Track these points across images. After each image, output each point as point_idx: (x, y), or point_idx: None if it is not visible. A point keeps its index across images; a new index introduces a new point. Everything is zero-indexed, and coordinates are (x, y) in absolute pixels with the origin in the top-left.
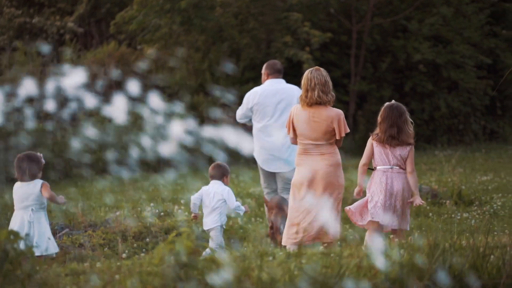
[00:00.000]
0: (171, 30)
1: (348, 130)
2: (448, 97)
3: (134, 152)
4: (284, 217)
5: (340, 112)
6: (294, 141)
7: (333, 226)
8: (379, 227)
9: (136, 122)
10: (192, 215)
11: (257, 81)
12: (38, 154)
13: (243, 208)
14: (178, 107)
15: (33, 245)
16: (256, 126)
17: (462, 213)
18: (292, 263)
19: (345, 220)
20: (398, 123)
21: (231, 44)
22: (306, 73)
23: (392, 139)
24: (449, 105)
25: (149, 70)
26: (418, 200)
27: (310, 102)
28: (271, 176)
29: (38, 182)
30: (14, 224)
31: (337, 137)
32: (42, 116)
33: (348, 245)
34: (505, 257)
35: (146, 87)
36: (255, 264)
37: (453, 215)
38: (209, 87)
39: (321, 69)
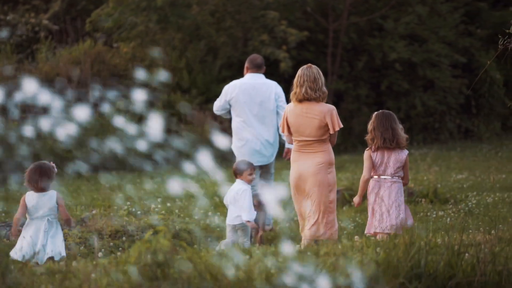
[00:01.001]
0: (147, 28)
1: (342, 125)
2: (424, 96)
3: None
4: (263, 213)
5: (332, 107)
6: (290, 139)
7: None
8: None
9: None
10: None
11: (234, 79)
12: (51, 163)
13: (250, 216)
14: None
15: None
16: (235, 119)
17: (437, 211)
18: (269, 261)
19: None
20: (393, 126)
21: (208, 42)
22: (298, 71)
23: (389, 142)
24: (424, 104)
25: (126, 68)
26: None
27: (299, 98)
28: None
29: (53, 194)
30: (28, 232)
31: (331, 132)
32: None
33: (324, 244)
34: (480, 255)
35: (122, 85)
36: (232, 262)
37: (428, 213)
38: (186, 85)
39: (313, 66)
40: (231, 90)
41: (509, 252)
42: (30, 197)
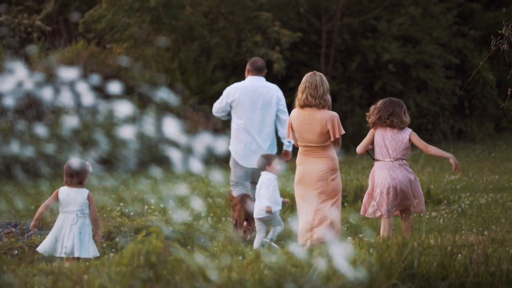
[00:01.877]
0: (140, 29)
1: (343, 132)
2: (417, 97)
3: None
4: (248, 213)
5: (334, 114)
6: (297, 143)
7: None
8: (389, 216)
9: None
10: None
11: (228, 81)
12: (87, 162)
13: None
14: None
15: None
16: (236, 121)
17: (430, 212)
18: (262, 263)
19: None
20: (395, 109)
21: (201, 43)
22: (304, 77)
23: (392, 116)
24: (418, 105)
25: (119, 69)
26: (453, 160)
27: (300, 103)
28: (245, 172)
29: (85, 192)
30: (56, 225)
31: (332, 139)
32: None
33: (317, 245)
34: (472, 256)
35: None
36: (225, 263)
37: (421, 214)
38: (179, 86)
39: (317, 73)
40: (233, 93)
41: (502, 253)
42: (63, 191)
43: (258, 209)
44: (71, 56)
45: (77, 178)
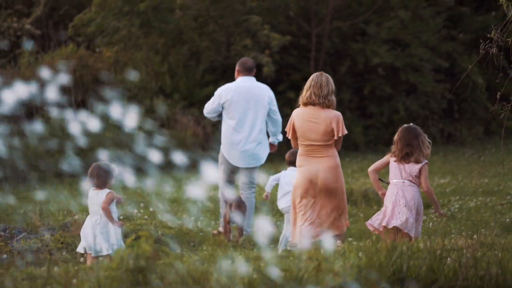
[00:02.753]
0: (130, 33)
1: (346, 132)
2: (407, 101)
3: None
4: (243, 214)
5: (338, 113)
6: (294, 143)
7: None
8: (393, 233)
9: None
10: (264, 194)
11: (217, 84)
12: (112, 165)
13: None
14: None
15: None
16: (228, 122)
17: None
18: (251, 266)
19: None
20: (413, 143)
21: (190, 47)
22: (311, 76)
23: (407, 156)
24: (407, 108)
25: (108, 72)
26: (441, 212)
27: (303, 101)
28: (234, 172)
29: (105, 191)
30: (84, 225)
31: (335, 137)
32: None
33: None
34: (462, 259)
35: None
36: (214, 267)
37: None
38: (169, 89)
39: (324, 74)
40: (225, 93)
41: (491, 257)
42: (90, 193)
43: (287, 205)
44: (60, 60)
45: (100, 180)
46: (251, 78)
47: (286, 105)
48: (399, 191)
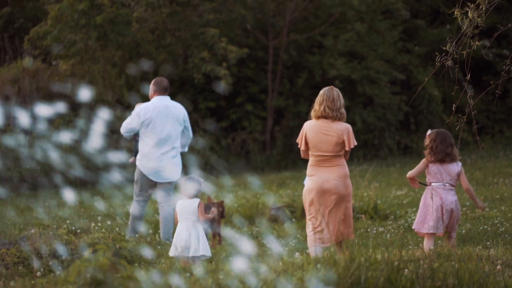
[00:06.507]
0: (86, 46)
1: (356, 143)
2: (364, 112)
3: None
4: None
5: (348, 126)
6: (305, 154)
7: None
8: (433, 235)
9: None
10: None
11: (174, 97)
12: (199, 178)
13: None
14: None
15: None
16: (145, 140)
17: (377, 227)
18: (209, 279)
19: None
20: (452, 143)
21: (148, 60)
22: (321, 91)
23: (448, 156)
24: (364, 120)
25: (65, 85)
26: (481, 204)
27: (317, 115)
28: (151, 187)
29: (196, 201)
30: (177, 230)
31: (347, 149)
32: None
33: (268, 260)
34: (419, 270)
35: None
36: (173, 281)
37: (368, 229)
38: (126, 102)
39: (334, 88)
40: (144, 112)
41: (448, 268)
42: (180, 203)
43: None
44: (16, 73)
45: (190, 190)
46: (166, 97)
47: (244, 117)
48: (441, 195)
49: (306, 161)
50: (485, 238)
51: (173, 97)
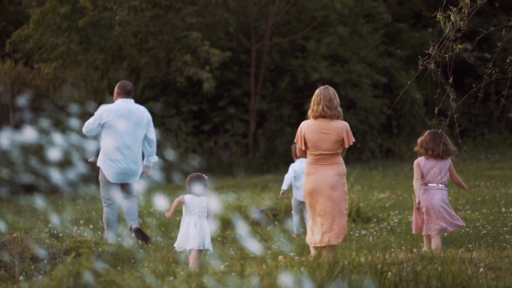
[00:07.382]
0: (69, 49)
1: (354, 140)
2: (346, 116)
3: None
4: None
5: (346, 124)
6: (302, 153)
7: (343, 228)
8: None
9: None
10: (281, 191)
11: (157, 100)
12: (204, 175)
13: None
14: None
15: None
16: (107, 141)
17: (360, 230)
18: (193, 283)
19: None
20: (445, 141)
21: (130, 63)
22: (316, 91)
23: (444, 152)
24: None
25: (47, 89)
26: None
27: (315, 115)
28: (116, 189)
29: (204, 199)
30: (184, 225)
31: (346, 146)
32: None
33: (250, 263)
34: (402, 273)
35: (44, 106)
36: (156, 284)
37: (351, 232)
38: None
39: (330, 88)
40: (106, 115)
41: (431, 270)
42: (188, 199)
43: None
44: None
45: (197, 188)
46: (130, 100)
47: (227, 121)
48: (436, 196)
49: (286, 164)
50: (467, 240)
51: (154, 100)
